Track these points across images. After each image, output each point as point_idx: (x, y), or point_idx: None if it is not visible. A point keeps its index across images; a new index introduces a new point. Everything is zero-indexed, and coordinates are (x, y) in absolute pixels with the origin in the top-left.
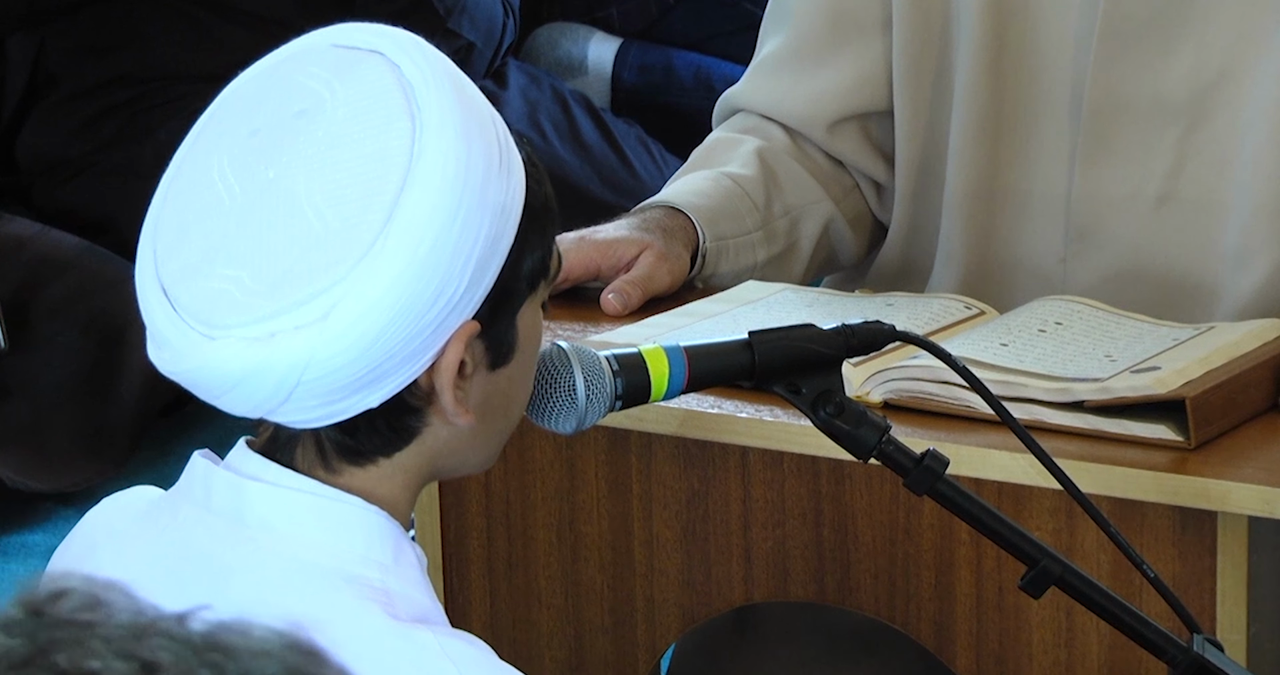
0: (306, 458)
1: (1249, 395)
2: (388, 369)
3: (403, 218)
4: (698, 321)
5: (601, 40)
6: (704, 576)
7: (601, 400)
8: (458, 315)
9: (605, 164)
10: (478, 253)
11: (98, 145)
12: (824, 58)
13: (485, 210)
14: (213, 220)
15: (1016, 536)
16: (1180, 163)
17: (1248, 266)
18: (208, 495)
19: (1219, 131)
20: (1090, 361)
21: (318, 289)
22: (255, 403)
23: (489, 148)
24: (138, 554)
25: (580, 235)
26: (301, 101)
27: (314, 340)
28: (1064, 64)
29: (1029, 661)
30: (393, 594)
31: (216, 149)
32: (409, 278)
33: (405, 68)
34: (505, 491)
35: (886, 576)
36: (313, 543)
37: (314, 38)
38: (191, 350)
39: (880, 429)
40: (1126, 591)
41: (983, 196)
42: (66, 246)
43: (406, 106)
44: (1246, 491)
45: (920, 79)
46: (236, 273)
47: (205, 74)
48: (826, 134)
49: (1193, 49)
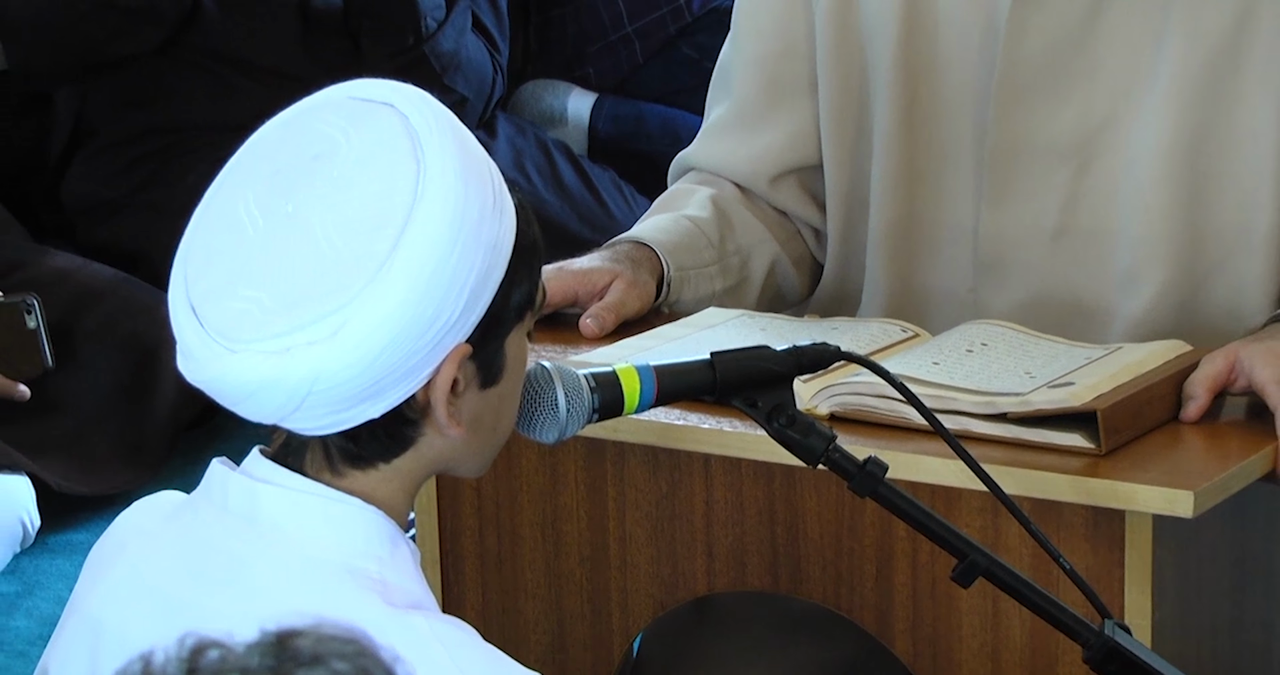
0: (314, 461)
1: (1153, 408)
2: (388, 384)
3: (406, 249)
4: (665, 343)
5: (579, 95)
6: (671, 569)
7: (581, 413)
8: (452, 338)
9: (583, 204)
10: (471, 283)
11: (133, 188)
12: (762, 121)
13: (479, 246)
14: (237, 248)
15: (947, 533)
16: (1073, 199)
17: (1136, 290)
18: (225, 497)
19: (1106, 171)
20: (1012, 378)
21: (328, 310)
22: (270, 410)
23: (485, 191)
24: (163, 549)
25: (560, 266)
26: (319, 146)
27: (323, 355)
28: (967, 115)
29: (959, 644)
30: (389, 584)
31: (243, 186)
32: (410, 303)
33: (413, 118)
34: (495, 494)
35: (833, 568)
36: (317, 539)
37: (333, 91)
38: (215, 361)
39: (827, 438)
40: (1045, 581)
41: (901, 234)
42: (105, 277)
43: (413, 152)
44: (1151, 492)
45: (844, 134)
46: (257, 294)
47: (228, 124)
48: (769, 188)
49: (1080, 98)
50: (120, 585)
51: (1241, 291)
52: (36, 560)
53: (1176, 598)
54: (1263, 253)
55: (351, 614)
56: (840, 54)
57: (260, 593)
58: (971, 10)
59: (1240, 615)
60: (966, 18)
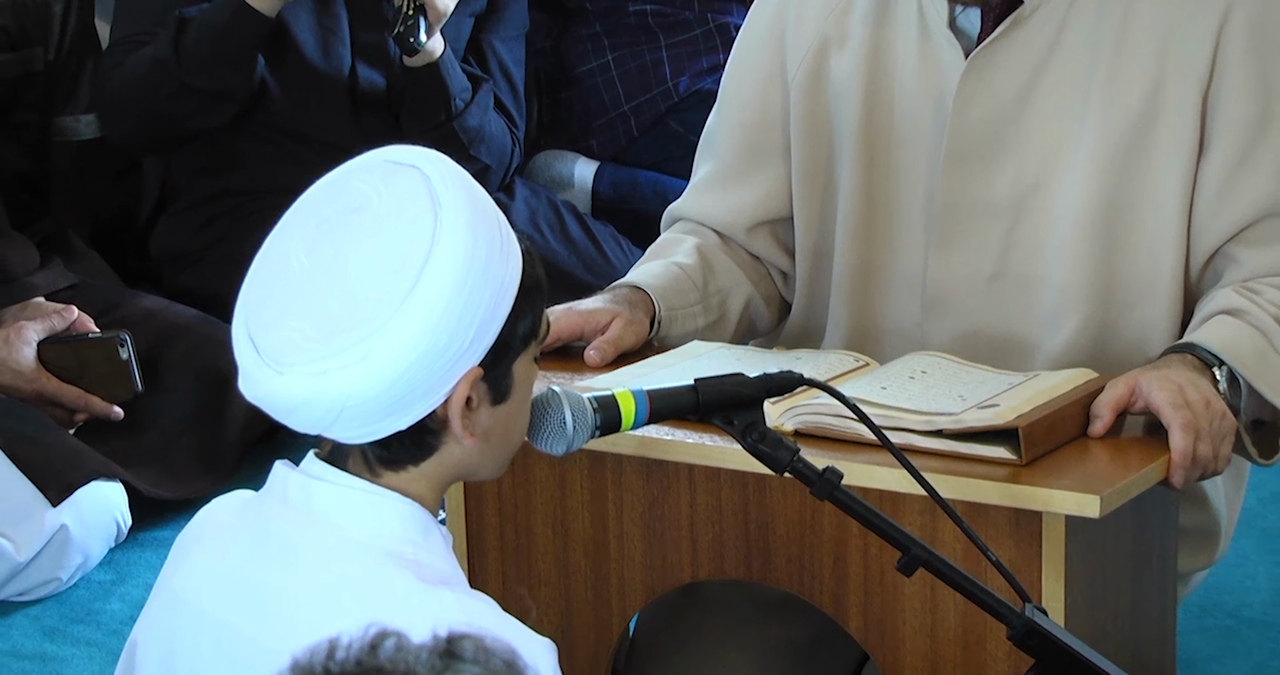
0: (356, 464)
1: (1066, 425)
2: (411, 401)
3: (424, 287)
4: (656, 371)
5: (584, 163)
6: (661, 561)
7: (585, 430)
8: (465, 362)
9: (587, 254)
10: (481, 316)
11: (209, 242)
12: (741, 180)
13: (488, 285)
14: (287, 285)
15: (893, 530)
16: (1006, 250)
17: (1058, 328)
18: (285, 492)
19: (1035, 226)
20: (947, 400)
21: (358, 338)
22: (312, 422)
23: (493, 239)
24: (234, 536)
25: (568, 306)
26: (356, 201)
27: (355, 377)
28: (918, 177)
29: (903, 623)
30: (422, 564)
31: (293, 234)
32: (427, 332)
33: (433, 178)
34: (514, 497)
35: (797, 560)
36: (361, 526)
37: (370, 155)
38: (266, 381)
39: (792, 451)
40: (975, 571)
41: (860, 278)
42: (186, 316)
43: (431, 206)
44: (1064, 496)
45: (812, 192)
46: (301, 324)
47: (288, 188)
48: (746, 236)
49: (1014, 165)
50: (198, 567)
51: (1148, 330)
52: (128, 553)
53: (1085, 585)
54: (1166, 298)
55: (389, 590)
56: (810, 124)
57: (312, 574)
58: (923, 89)
59: (1138, 599)
60: (919, 95)
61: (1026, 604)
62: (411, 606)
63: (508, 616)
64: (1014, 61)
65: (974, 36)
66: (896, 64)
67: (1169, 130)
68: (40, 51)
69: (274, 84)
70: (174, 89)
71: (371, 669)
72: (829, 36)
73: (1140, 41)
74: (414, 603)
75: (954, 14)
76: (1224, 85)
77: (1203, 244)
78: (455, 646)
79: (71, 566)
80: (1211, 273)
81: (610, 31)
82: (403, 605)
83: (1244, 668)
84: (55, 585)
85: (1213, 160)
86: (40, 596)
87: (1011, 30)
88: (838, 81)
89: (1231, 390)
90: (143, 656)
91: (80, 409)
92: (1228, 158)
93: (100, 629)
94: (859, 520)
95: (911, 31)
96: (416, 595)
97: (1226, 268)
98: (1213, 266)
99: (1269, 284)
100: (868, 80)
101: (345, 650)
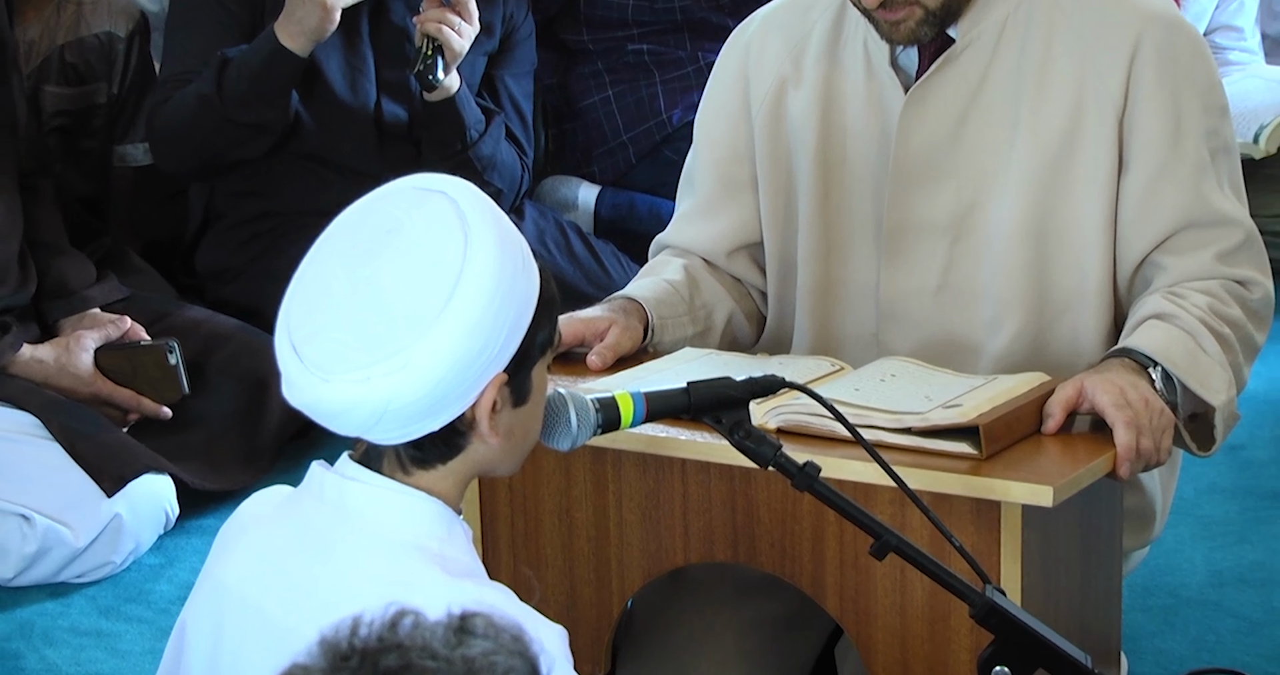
0: (389, 463)
1: (1022, 423)
2: (444, 404)
3: (457, 302)
4: (651, 374)
5: (587, 188)
6: (657, 546)
7: (588, 428)
8: (492, 369)
9: (589, 269)
10: (507, 326)
11: (249, 259)
12: (718, 211)
13: (513, 299)
14: (328, 301)
15: (866, 518)
16: (949, 264)
17: (998, 333)
18: (320, 490)
19: (974, 242)
20: (915, 400)
21: (399, 348)
22: (355, 425)
23: (516, 259)
24: (274, 530)
25: (571, 315)
26: (390, 224)
27: (396, 383)
28: (868, 200)
29: (875, 602)
30: (447, 557)
31: (331, 255)
32: (460, 342)
33: (461, 202)
34: (523, 489)
35: (780, 545)
36: (391, 523)
37: (399, 182)
38: (312, 389)
39: (774, 447)
40: (940, 555)
41: (820, 292)
42: (228, 326)
43: (461, 228)
44: (1020, 487)
45: (777, 218)
46: (344, 336)
47: (320, 210)
48: (725, 260)
49: (952, 188)
50: (241, 557)
51: (1078, 334)
52: (176, 540)
53: (1040, 567)
54: (1094, 305)
55: (417, 581)
56: (773, 156)
57: (346, 566)
58: (870, 121)
59: (1087, 580)
60: (867, 127)
61: (987, 585)
62: (440, 596)
63: (524, 605)
64: (949, 95)
65: (913, 73)
66: (846, 100)
67: (1089, 153)
68: (104, 86)
69: (307, 117)
70: (217, 122)
71: (392, 644)
72: (786, 77)
73: (1060, 73)
74: (442, 592)
75: (895, 53)
76: (1138, 109)
77: (1130, 254)
78: (467, 623)
79: (124, 551)
80: (1141, 280)
81: (610, 69)
82: (432, 594)
83: (1183, 641)
84: (110, 568)
85: (1132, 178)
86: (97, 578)
87: (945, 67)
88: (795, 117)
89: (1167, 388)
90: (192, 638)
91: (133, 409)
92: (1146, 174)
93: (150, 608)
94: (835, 509)
95: (858, 70)
96: (443, 586)
97: (1155, 275)
98: (1141, 274)
99: (1194, 288)
100: (821, 115)
101: (368, 627)
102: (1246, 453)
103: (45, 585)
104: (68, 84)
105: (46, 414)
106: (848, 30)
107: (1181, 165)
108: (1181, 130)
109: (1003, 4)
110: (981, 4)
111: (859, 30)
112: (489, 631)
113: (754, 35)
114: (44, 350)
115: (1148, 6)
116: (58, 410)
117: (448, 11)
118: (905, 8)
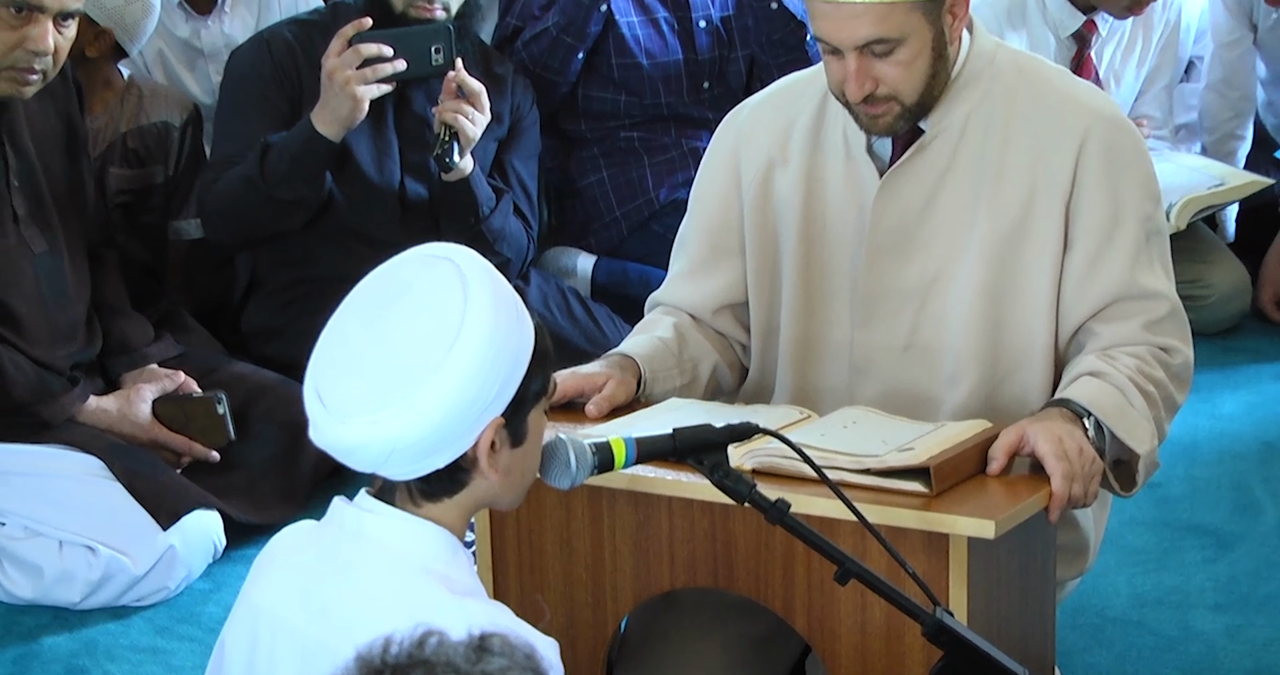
0: (401, 497)
1: (968, 464)
2: (447, 444)
3: (457, 354)
4: (642, 421)
5: (585, 257)
6: (646, 572)
7: (585, 469)
8: (490, 413)
9: (587, 329)
10: (502, 375)
11: (288, 320)
12: (707, 273)
13: (508, 351)
14: (347, 353)
15: (830, 548)
16: (915, 325)
17: (957, 387)
18: (341, 521)
19: (938, 307)
20: (873, 444)
21: (405, 393)
22: (369, 463)
23: (511, 316)
24: (302, 556)
25: (572, 370)
26: (400, 286)
27: (402, 425)
28: (845, 269)
29: (839, 622)
30: (451, 578)
31: (352, 312)
32: (459, 389)
33: (463, 267)
34: (529, 522)
35: (755, 571)
36: (403, 549)
37: (414, 249)
38: (331, 429)
39: (750, 485)
40: (896, 581)
41: (800, 348)
42: (270, 379)
43: (462, 290)
44: (966, 521)
45: (762, 282)
46: (358, 383)
47: (348, 277)
48: (712, 317)
49: (920, 259)
50: (273, 581)
51: (1027, 390)
52: (223, 568)
53: (984, 591)
54: (1040, 364)
55: (425, 597)
56: (760, 229)
57: (364, 587)
58: (848, 201)
59: (1025, 602)
60: (845, 205)
61: (936, 607)
62: (446, 611)
63: (520, 620)
64: (918, 178)
65: (886, 159)
66: (827, 181)
67: (1040, 231)
68: (161, 169)
69: (339, 194)
70: (260, 200)
71: (420, 661)
72: (774, 159)
73: (1016, 161)
74: (447, 608)
75: (870, 141)
76: (1083, 196)
77: (1069, 321)
78: (486, 642)
79: (178, 578)
80: (1076, 344)
81: (605, 154)
82: (438, 610)
83: (1109, 657)
84: (165, 593)
85: (1075, 255)
86: (153, 602)
87: (916, 154)
88: (781, 196)
89: (1098, 436)
90: (230, 653)
91: (185, 453)
92: (1087, 253)
93: (201, 628)
94: (804, 540)
95: (838, 155)
96: (447, 603)
97: (1088, 340)
98: (1077, 339)
99: (1124, 351)
100: (805, 194)
101: (398, 646)
102: (1164, 490)
103: (108, 608)
104: (129, 166)
105: (109, 457)
106: (829, 118)
107: (1118, 247)
108: (1119, 216)
109: (967, 101)
110: (949, 100)
111: (839, 119)
112: (505, 650)
113: (746, 119)
114: (108, 401)
115: (1094, 105)
116: (119, 454)
117: (463, 102)
118: (885, 103)
